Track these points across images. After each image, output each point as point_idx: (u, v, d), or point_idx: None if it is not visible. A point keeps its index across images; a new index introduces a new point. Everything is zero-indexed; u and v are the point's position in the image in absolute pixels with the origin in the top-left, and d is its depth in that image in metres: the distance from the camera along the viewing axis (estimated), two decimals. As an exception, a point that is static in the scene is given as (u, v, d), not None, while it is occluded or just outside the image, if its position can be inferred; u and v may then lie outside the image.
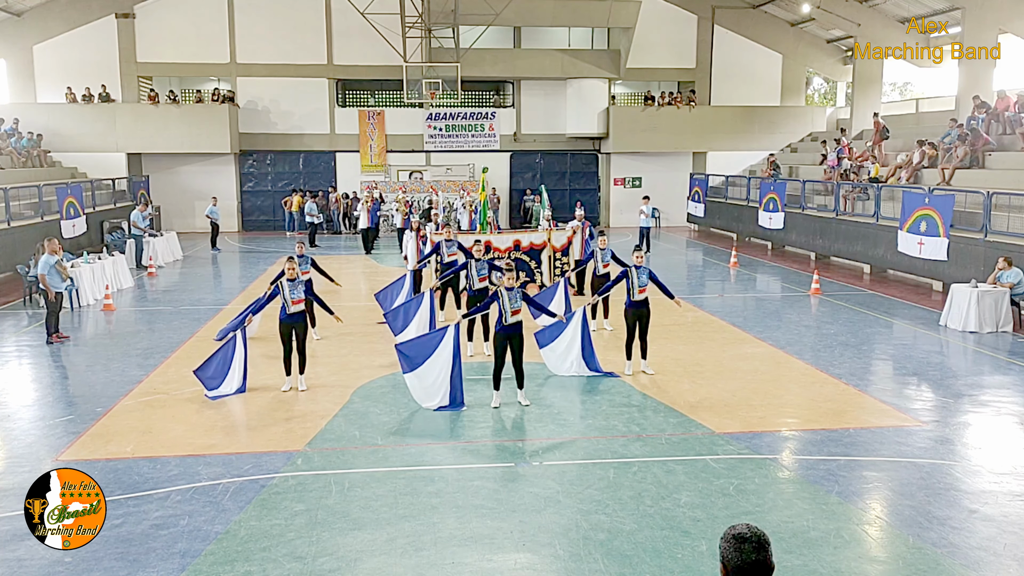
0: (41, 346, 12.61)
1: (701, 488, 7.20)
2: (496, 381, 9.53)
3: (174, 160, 28.64)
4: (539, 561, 5.99)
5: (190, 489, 7.22)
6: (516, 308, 9.25)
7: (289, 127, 29.28)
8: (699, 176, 29.36)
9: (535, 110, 30.31)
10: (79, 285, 15.67)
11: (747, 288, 18.02)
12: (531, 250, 16.49)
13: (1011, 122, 18.70)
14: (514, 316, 9.25)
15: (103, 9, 27.56)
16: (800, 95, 31.74)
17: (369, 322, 13.80)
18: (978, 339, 12.78)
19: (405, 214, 23.07)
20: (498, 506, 6.86)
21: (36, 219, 19.75)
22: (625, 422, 8.96)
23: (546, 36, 29.96)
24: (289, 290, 9.92)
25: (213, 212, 24.37)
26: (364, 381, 10.56)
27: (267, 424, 9.00)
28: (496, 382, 9.53)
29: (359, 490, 7.19)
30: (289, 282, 9.95)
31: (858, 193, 20.42)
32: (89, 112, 27.03)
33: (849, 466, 7.73)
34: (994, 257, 14.16)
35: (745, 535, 2.80)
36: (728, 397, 9.84)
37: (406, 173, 29.56)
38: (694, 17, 30.03)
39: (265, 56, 28.49)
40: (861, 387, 10.29)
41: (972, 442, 8.51)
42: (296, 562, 5.96)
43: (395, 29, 26.38)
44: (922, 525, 6.51)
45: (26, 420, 9.23)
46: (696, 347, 12.25)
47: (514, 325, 9.30)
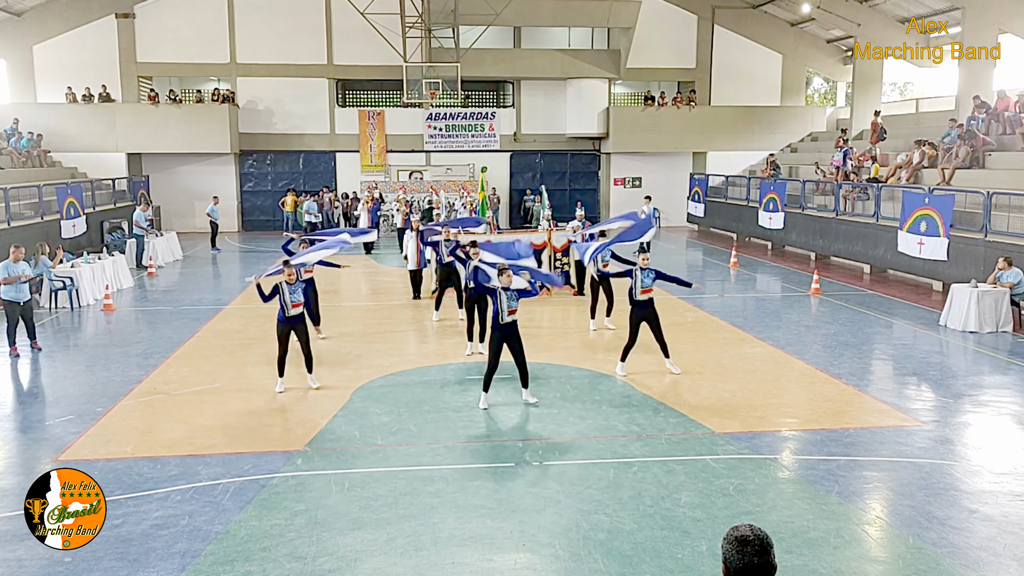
0: (41, 345, 12.57)
1: (701, 488, 7.20)
2: (487, 383, 9.46)
3: (174, 160, 28.64)
4: (539, 561, 5.99)
5: (190, 489, 7.22)
6: (513, 308, 9.26)
7: (289, 127, 29.29)
8: (699, 176, 29.37)
9: (535, 110, 30.31)
10: (79, 285, 15.67)
11: (747, 288, 18.02)
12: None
13: (1011, 122, 18.69)
14: (511, 315, 9.26)
15: (103, 9, 27.56)
16: (800, 95, 31.75)
17: (369, 322, 13.81)
18: (978, 339, 12.78)
19: (405, 214, 23.08)
20: (498, 506, 6.86)
21: (36, 219, 19.74)
22: (625, 422, 8.96)
23: (546, 36, 29.97)
24: (289, 292, 9.93)
25: (213, 212, 24.38)
26: (364, 381, 10.56)
27: (267, 424, 9.00)
28: (487, 384, 9.46)
29: (359, 490, 7.19)
30: (289, 285, 9.96)
31: (858, 193, 20.43)
32: (89, 112, 27.04)
33: (849, 466, 7.73)
34: (994, 257, 14.15)
35: (748, 538, 2.79)
36: (728, 397, 9.84)
37: (406, 173, 29.56)
38: (694, 17, 30.03)
39: (265, 56, 28.50)
40: (861, 387, 10.29)
41: (972, 442, 8.51)
42: (296, 562, 5.96)
43: (395, 29, 26.39)
44: (922, 525, 6.51)
45: (26, 420, 9.24)
46: (696, 347, 12.25)
47: (511, 324, 9.30)
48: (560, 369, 11.13)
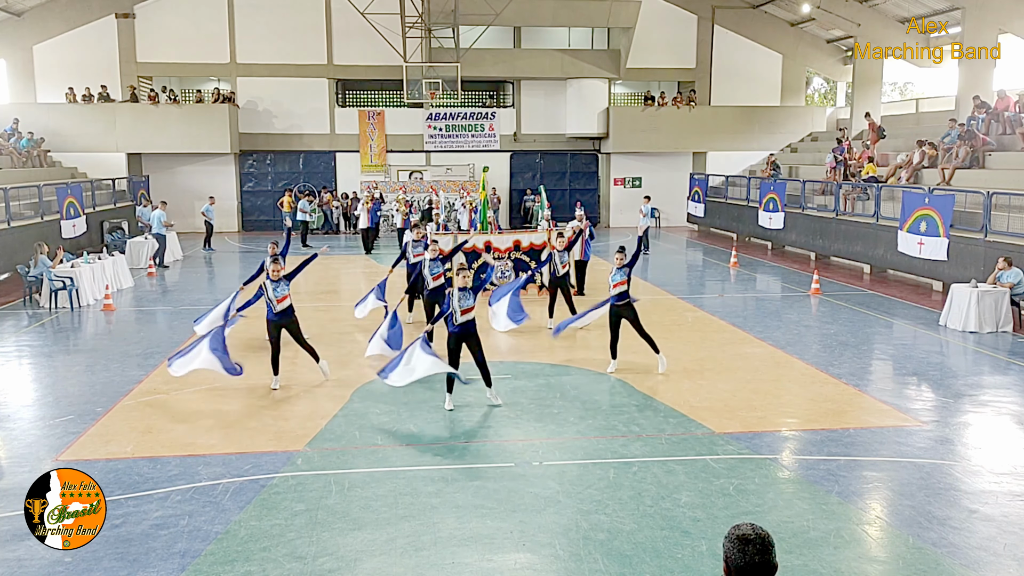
0: (41, 346, 12.61)
1: (701, 488, 7.20)
2: (450, 383, 9.39)
3: (174, 160, 28.64)
4: (539, 561, 5.99)
5: (190, 489, 7.22)
6: (466, 307, 9.11)
7: (289, 127, 29.28)
8: (699, 176, 29.36)
9: (535, 110, 30.31)
10: (79, 285, 15.67)
11: (747, 288, 18.01)
12: (531, 250, 16.48)
13: (1011, 122, 18.69)
14: (464, 315, 9.09)
15: (103, 9, 27.56)
16: (800, 95, 31.74)
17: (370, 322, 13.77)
18: (978, 339, 12.78)
19: (405, 214, 23.08)
20: (498, 506, 6.86)
21: (36, 219, 19.75)
22: (625, 422, 8.95)
23: (546, 36, 29.97)
24: (273, 289, 9.93)
25: (209, 211, 24.17)
26: (364, 381, 10.56)
27: (267, 424, 9.00)
28: (450, 384, 9.40)
29: (359, 490, 7.19)
30: (272, 282, 9.95)
31: (858, 193, 20.43)
32: (89, 112, 27.03)
33: (849, 466, 7.73)
34: (994, 257, 14.15)
35: (750, 536, 2.79)
36: (728, 397, 9.84)
37: (406, 173, 29.56)
38: (694, 17, 30.03)
39: (265, 56, 28.49)
40: (861, 387, 10.29)
41: (972, 442, 8.51)
42: (296, 562, 5.96)
43: (395, 29, 26.40)
44: (922, 525, 6.51)
45: (26, 420, 9.23)
46: (696, 347, 12.25)
47: (465, 324, 9.13)
48: (560, 369, 11.13)
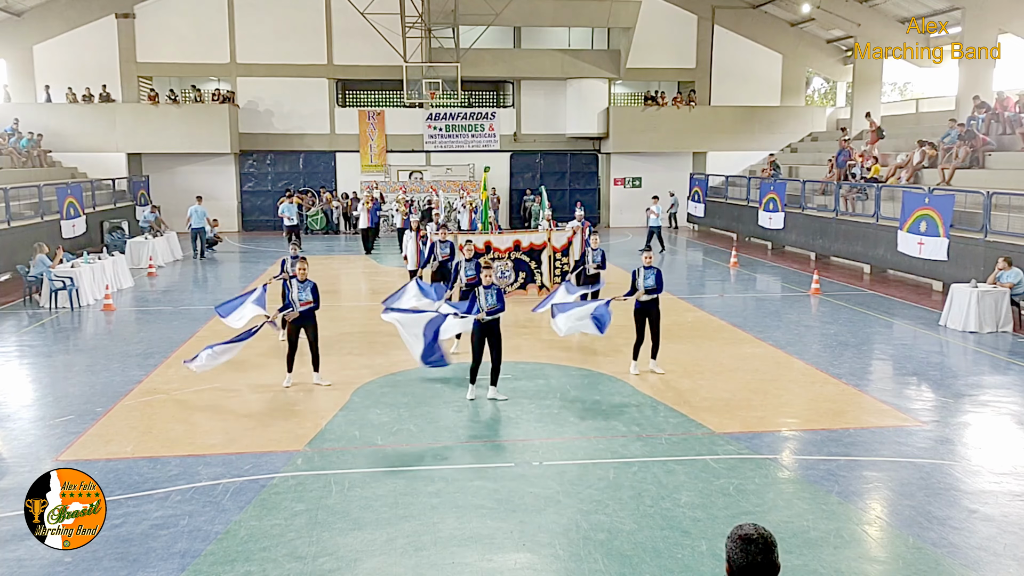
0: (41, 346, 12.60)
1: (701, 488, 7.20)
2: (473, 375, 9.67)
3: (174, 160, 28.64)
4: (539, 561, 5.99)
5: (190, 489, 7.22)
6: (491, 305, 9.40)
7: (289, 127, 29.28)
8: (699, 176, 29.36)
9: (535, 110, 30.31)
10: (79, 285, 15.67)
11: (747, 288, 18.01)
12: (531, 250, 16.49)
13: (1011, 122, 18.69)
14: (489, 315, 9.37)
15: (103, 9, 27.56)
16: (800, 95, 31.74)
17: (369, 322, 13.79)
18: (978, 339, 12.78)
19: (405, 214, 23.07)
20: (498, 506, 6.85)
21: (36, 219, 19.75)
22: (625, 422, 8.96)
23: (546, 36, 29.97)
24: (298, 291, 9.93)
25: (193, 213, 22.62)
26: (364, 381, 10.56)
27: (267, 424, 9.00)
28: (473, 376, 9.67)
29: (359, 490, 7.19)
30: (299, 283, 9.96)
31: (858, 193, 20.43)
32: (89, 112, 27.04)
33: (849, 466, 7.73)
34: (994, 257, 14.15)
35: (752, 536, 2.79)
36: (728, 397, 9.84)
37: (406, 173, 29.56)
38: (694, 17, 30.02)
39: (265, 56, 28.49)
40: (861, 387, 10.29)
41: (972, 442, 8.51)
42: (296, 562, 5.96)
43: (395, 29, 26.39)
44: (922, 525, 6.51)
45: (26, 420, 9.23)
46: (696, 347, 12.25)
47: (490, 322, 9.43)
48: (560, 369, 11.13)
